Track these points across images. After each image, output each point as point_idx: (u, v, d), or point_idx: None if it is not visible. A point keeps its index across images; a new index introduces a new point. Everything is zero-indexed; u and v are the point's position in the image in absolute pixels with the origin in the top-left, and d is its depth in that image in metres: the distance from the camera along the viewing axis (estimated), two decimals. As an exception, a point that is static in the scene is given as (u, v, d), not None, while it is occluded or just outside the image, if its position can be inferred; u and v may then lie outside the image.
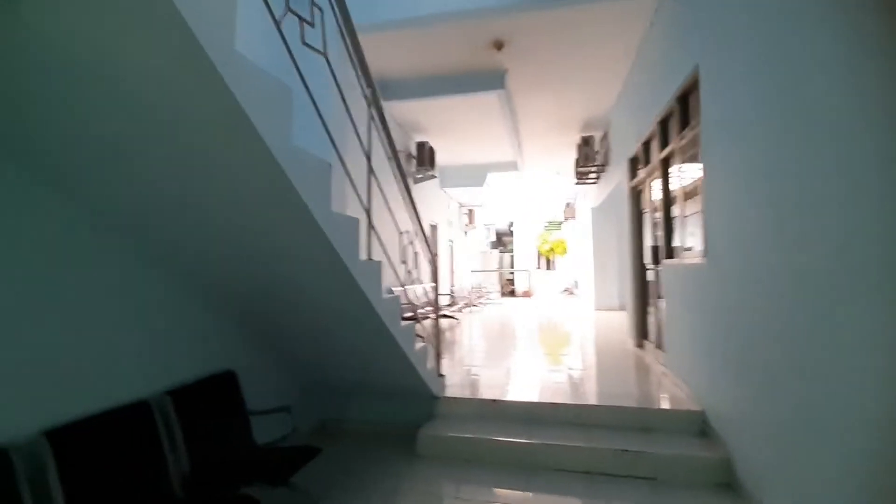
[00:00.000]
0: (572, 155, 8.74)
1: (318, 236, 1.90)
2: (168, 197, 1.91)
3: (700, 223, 3.30)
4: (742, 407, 2.54)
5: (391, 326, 2.64)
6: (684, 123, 3.56)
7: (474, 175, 10.77)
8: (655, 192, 4.63)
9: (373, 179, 2.60)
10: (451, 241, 12.64)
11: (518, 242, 21.48)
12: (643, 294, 5.47)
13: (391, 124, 7.13)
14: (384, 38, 4.74)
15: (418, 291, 7.83)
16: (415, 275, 3.93)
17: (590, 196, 10.57)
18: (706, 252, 3.02)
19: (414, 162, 7.84)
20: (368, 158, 2.51)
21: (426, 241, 3.67)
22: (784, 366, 2.06)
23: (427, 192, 9.30)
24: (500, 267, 19.98)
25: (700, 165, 3.14)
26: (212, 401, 2.48)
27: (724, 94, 2.67)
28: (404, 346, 2.87)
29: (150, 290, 2.30)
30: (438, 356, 3.84)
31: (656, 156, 4.37)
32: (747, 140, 2.35)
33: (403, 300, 6.56)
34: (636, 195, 5.62)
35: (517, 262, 19.74)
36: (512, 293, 18.20)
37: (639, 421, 3.17)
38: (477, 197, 12.68)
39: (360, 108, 2.54)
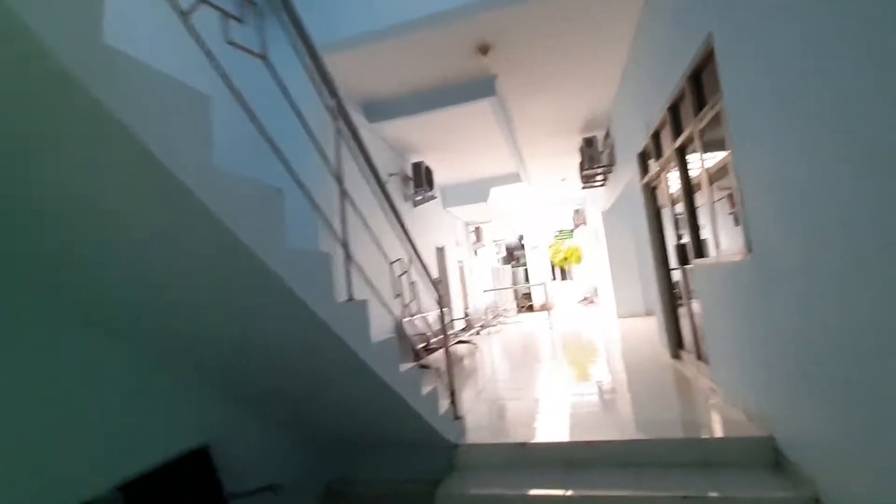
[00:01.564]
0: (576, 159, 8.34)
1: (271, 279, 1.51)
2: (118, 263, 1.57)
3: (733, 214, 2.84)
4: (824, 429, 2.04)
5: (384, 374, 2.21)
6: (700, 104, 3.14)
7: (477, 191, 10.42)
8: (673, 185, 4.19)
9: (348, 205, 2.21)
10: (461, 262, 12.22)
11: (530, 255, 20.98)
12: (671, 298, 4.96)
13: (381, 146, 6.89)
14: (363, 54, 4.46)
15: (430, 320, 7.39)
16: (416, 305, 3.52)
17: (599, 200, 10.11)
18: (749, 246, 2.55)
19: (411, 184, 7.51)
20: (339, 181, 2.13)
21: (424, 265, 3.26)
22: (870, 377, 1.58)
23: (429, 215, 8.95)
24: (514, 282, 19.47)
25: (724, 152, 2.71)
26: (179, 487, 2.06)
27: (751, 57, 2.26)
28: (405, 393, 2.43)
29: (99, 357, 1.92)
30: (454, 395, 3.38)
31: (669, 146, 3.94)
32: (796, 97, 1.92)
33: (413, 331, 6.14)
34: (651, 192, 5.17)
35: (531, 276, 19.19)
36: (530, 308, 17.58)
37: (696, 455, 2.65)
38: (483, 214, 12.31)
39: (325, 124, 2.18)
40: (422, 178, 7.38)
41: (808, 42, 1.75)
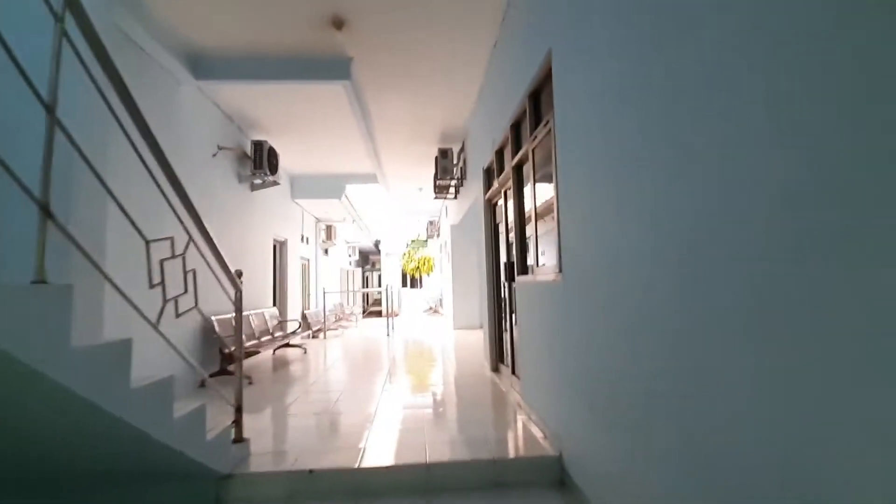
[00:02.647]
0: (432, 170, 8.35)
1: None
2: None
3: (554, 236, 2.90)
4: (604, 453, 2.07)
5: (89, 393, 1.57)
6: (537, 121, 3.19)
7: (331, 187, 9.76)
8: (510, 203, 4.28)
9: (77, 154, 1.53)
10: (306, 259, 11.31)
11: (385, 261, 20.78)
12: (498, 313, 5.10)
13: (212, 112, 5.83)
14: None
15: (256, 320, 6.49)
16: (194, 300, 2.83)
17: (451, 213, 10.35)
18: (560, 267, 2.58)
19: (250, 165, 6.56)
20: (50, 110, 1.44)
21: (217, 252, 2.63)
22: (637, 408, 1.59)
23: (271, 203, 8.00)
24: (365, 286, 18.99)
25: (554, 170, 2.74)
26: None
27: (580, 77, 2.26)
28: (141, 421, 1.80)
29: None
30: (239, 413, 2.79)
31: (509, 163, 4.00)
32: (612, 127, 1.92)
33: (225, 332, 5.23)
34: (492, 208, 5.29)
35: (384, 281, 18.95)
36: (379, 314, 17.27)
37: (493, 476, 2.55)
38: (337, 212, 11.63)
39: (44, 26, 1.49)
40: (262, 160, 6.50)
41: (624, 75, 1.74)
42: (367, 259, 26.01)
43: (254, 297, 6.93)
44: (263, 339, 6.37)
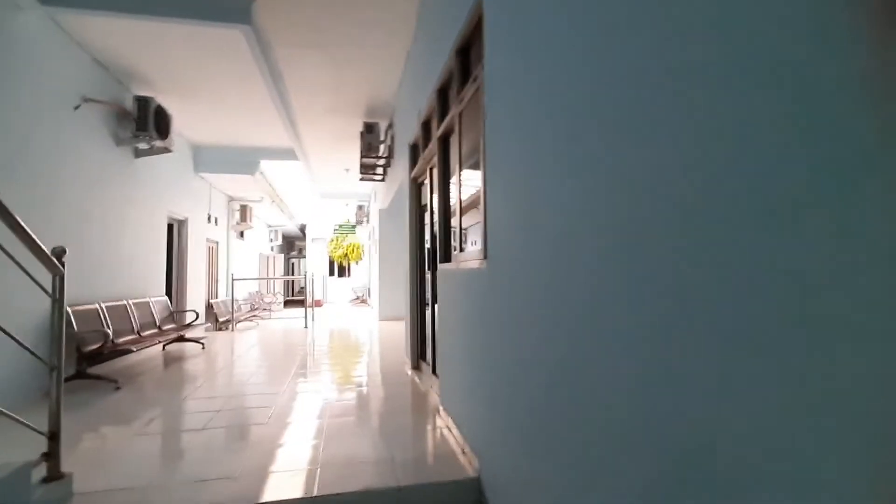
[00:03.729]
0: (358, 149, 7.64)
1: None
2: None
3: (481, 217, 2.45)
4: (514, 474, 1.66)
5: None
6: (464, 79, 2.71)
7: (243, 161, 8.70)
8: (435, 181, 3.79)
9: None
10: (214, 242, 10.12)
11: (311, 247, 19.55)
12: (420, 304, 4.63)
13: (71, 51, 4.46)
14: None
15: (138, 311, 5.48)
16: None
17: (380, 196, 9.70)
18: (486, 252, 2.14)
19: (133, 125, 5.45)
20: None
21: (16, 224, 1.87)
22: (553, 422, 1.18)
23: (164, 174, 6.87)
24: (287, 273, 17.76)
25: (482, 135, 2.27)
26: None
27: (513, 22, 1.80)
28: None
29: None
30: (54, 440, 2.06)
31: (435, 134, 3.50)
32: (545, 78, 1.47)
33: (87, 326, 4.22)
34: (417, 188, 4.78)
35: (309, 269, 17.81)
36: (301, 303, 16.14)
37: (394, 507, 2.07)
38: (252, 191, 10.47)
39: None
40: (147, 120, 5.43)
41: (559, 38, 1.29)
42: (293, 245, 24.44)
43: (138, 284, 5.87)
44: (146, 333, 5.39)
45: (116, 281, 5.33)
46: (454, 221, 3.24)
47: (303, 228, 19.35)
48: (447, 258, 3.32)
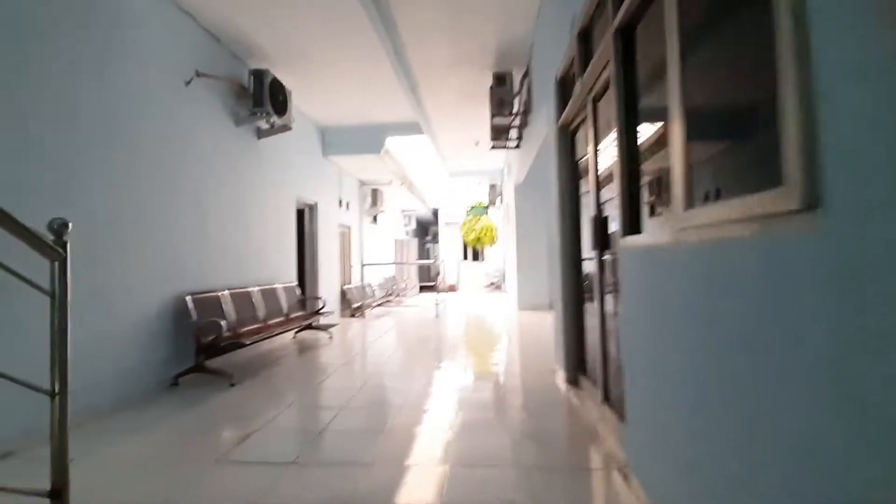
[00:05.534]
0: (487, 111, 6.52)
1: None
2: None
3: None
4: None
5: None
6: None
7: (368, 140, 8.27)
8: (605, 118, 2.47)
9: None
10: (346, 227, 10.09)
11: (444, 232, 19.29)
12: (577, 295, 3.36)
13: (193, 29, 4.15)
14: None
15: (264, 299, 5.26)
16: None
17: (514, 170, 8.50)
18: (815, 191, 0.81)
19: (249, 103, 5.13)
20: None
21: None
22: None
23: (293, 157, 6.69)
24: (420, 258, 17.74)
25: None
26: None
27: None
28: None
29: None
30: (58, 498, 1.39)
31: (610, 28, 2.17)
32: None
33: (203, 316, 3.89)
34: (569, 137, 3.46)
35: (441, 253, 17.55)
36: (433, 289, 15.90)
37: None
38: (381, 172, 10.19)
39: None
40: (263, 95, 5.08)
41: None
42: (427, 230, 24.67)
43: (266, 271, 5.70)
44: (272, 321, 5.12)
45: (242, 268, 5.13)
46: (649, 166, 1.91)
47: (435, 213, 19.16)
48: (634, 230, 2.00)
